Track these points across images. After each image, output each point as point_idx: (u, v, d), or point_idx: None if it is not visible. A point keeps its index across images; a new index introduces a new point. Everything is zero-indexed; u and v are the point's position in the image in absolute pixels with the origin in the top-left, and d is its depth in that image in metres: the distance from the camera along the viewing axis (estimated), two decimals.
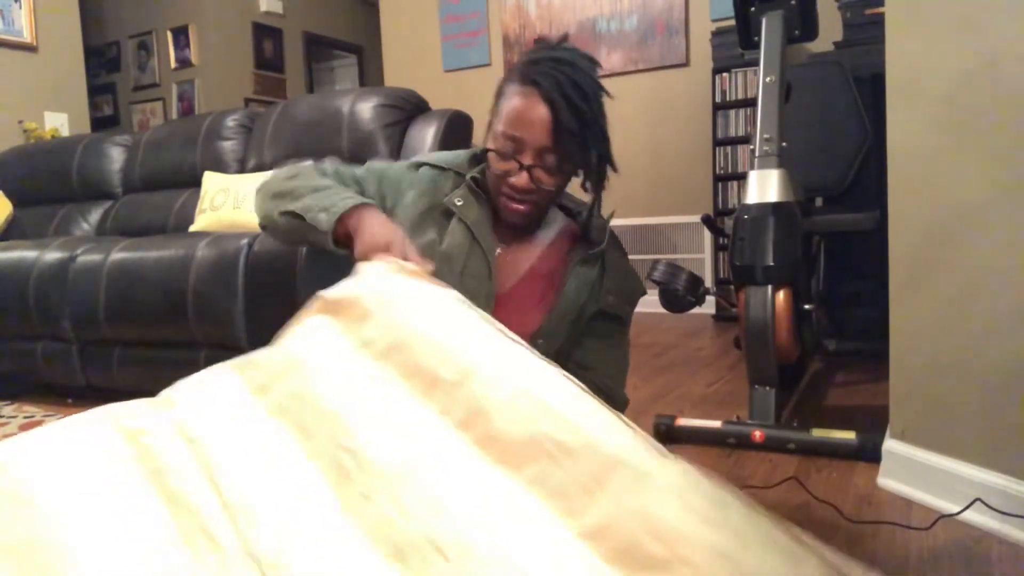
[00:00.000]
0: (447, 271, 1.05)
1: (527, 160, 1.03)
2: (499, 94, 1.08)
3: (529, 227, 1.17)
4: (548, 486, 0.64)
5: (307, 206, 1.03)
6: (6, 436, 2.11)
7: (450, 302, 0.86)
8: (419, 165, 1.18)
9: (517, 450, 0.67)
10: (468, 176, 1.14)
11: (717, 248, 4.09)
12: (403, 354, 0.78)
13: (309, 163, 1.23)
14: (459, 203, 1.12)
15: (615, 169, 1.11)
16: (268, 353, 0.85)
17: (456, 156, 1.20)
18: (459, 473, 0.66)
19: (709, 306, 3.78)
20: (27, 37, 4.43)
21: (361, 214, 1.01)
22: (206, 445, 0.72)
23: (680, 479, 0.65)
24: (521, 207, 1.09)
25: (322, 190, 1.06)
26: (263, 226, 1.15)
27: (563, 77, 1.01)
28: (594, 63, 1.07)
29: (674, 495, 0.63)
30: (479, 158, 1.17)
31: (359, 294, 0.87)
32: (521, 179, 1.04)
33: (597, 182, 1.12)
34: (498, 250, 1.14)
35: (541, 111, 1.00)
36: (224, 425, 0.75)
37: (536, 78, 1.01)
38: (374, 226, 0.98)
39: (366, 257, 0.93)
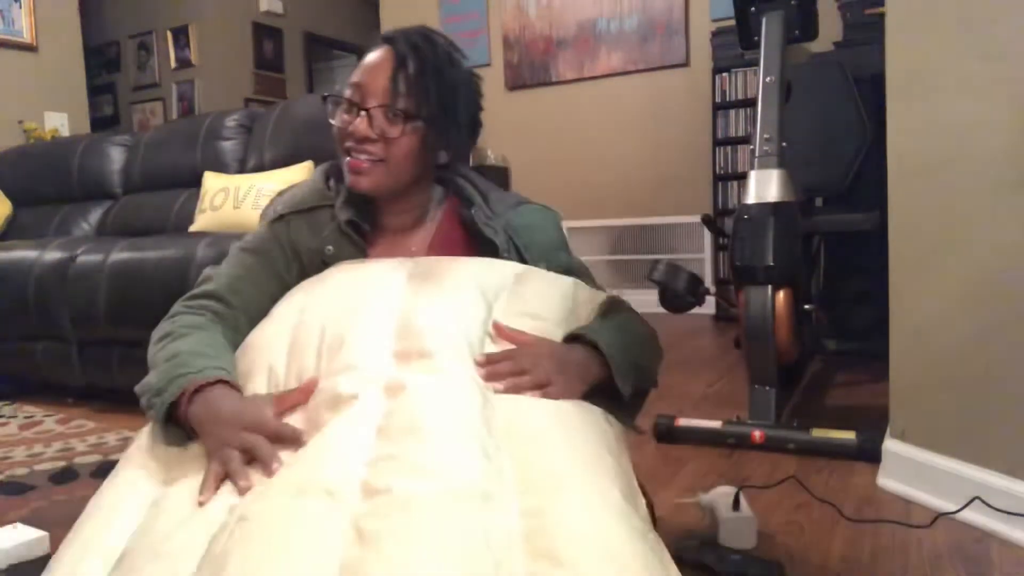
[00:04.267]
0: None
1: (367, 103, 0.96)
2: None
3: (383, 193, 1.02)
4: None
5: (145, 386, 0.84)
6: (6, 436, 2.11)
7: None
8: (280, 217, 1.04)
9: None
10: (341, 218, 1.01)
11: (717, 248, 4.10)
12: None
13: (207, 271, 1.12)
14: (330, 251, 1.01)
15: (474, 132, 1.06)
16: None
17: (312, 187, 1.07)
18: None
19: (709, 306, 3.78)
20: (27, 37, 4.43)
21: (203, 398, 0.78)
22: None
23: None
24: (363, 162, 0.97)
25: (175, 357, 0.84)
26: None
27: (414, 31, 1.00)
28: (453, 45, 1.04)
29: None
30: (331, 172, 1.09)
31: None
32: (360, 124, 0.96)
33: (454, 141, 1.04)
34: None
35: (383, 55, 0.98)
36: None
37: (387, 34, 1.00)
38: (220, 414, 0.76)
39: (223, 462, 0.71)
